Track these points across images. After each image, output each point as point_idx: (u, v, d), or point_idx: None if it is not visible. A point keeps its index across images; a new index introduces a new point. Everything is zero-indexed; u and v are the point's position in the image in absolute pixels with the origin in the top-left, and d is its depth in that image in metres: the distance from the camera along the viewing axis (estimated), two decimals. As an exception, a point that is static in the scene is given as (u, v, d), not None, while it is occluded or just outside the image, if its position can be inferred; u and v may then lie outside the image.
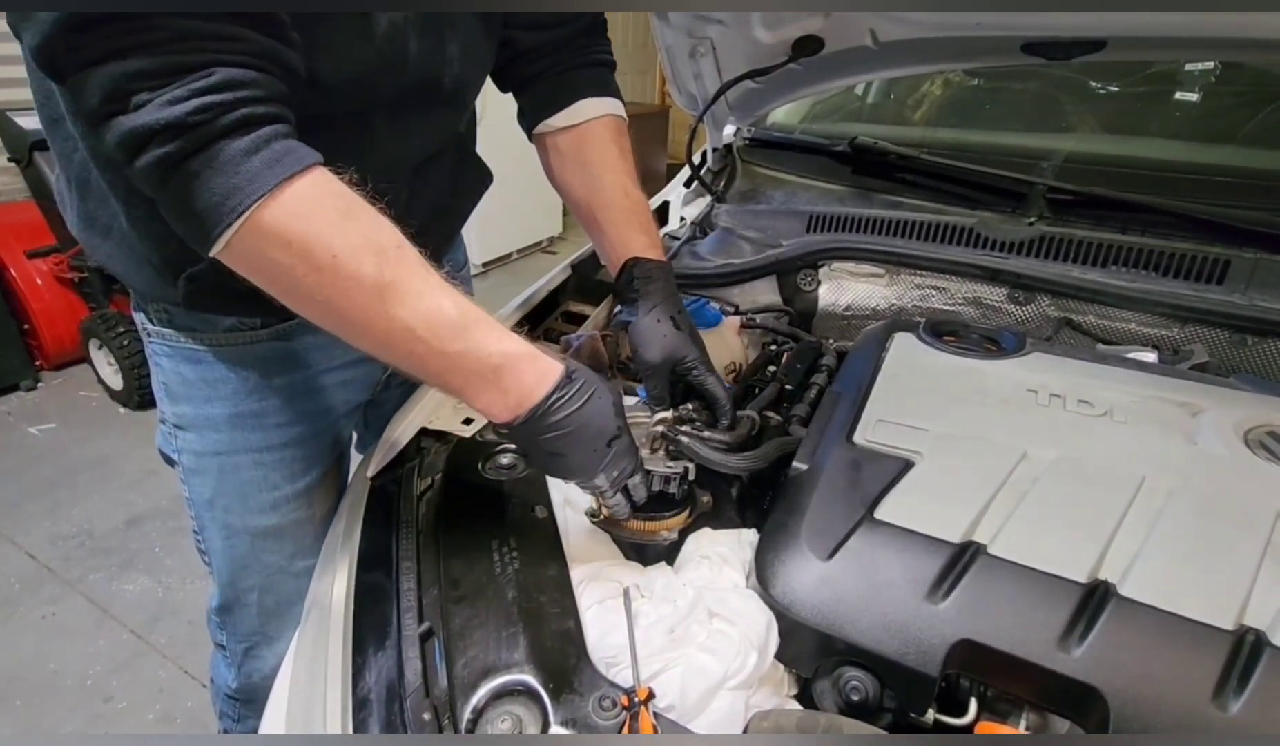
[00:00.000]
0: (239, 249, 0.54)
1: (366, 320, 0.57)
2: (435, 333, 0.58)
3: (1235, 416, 0.73)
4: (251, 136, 0.52)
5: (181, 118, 0.49)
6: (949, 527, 0.62)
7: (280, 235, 0.53)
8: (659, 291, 0.84)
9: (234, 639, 0.97)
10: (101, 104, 0.49)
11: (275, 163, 0.53)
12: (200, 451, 0.84)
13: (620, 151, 0.89)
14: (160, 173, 0.51)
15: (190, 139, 0.50)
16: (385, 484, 0.81)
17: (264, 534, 0.89)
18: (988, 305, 1.08)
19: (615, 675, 0.58)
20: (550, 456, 0.63)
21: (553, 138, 0.89)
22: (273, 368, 0.83)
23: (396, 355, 0.60)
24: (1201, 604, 0.54)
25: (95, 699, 1.69)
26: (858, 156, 1.29)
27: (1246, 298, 0.94)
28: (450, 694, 0.57)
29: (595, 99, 0.88)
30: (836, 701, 0.60)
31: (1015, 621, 0.55)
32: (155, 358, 0.83)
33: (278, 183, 0.52)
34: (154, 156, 0.50)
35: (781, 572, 0.63)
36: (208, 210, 0.52)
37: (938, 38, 1.06)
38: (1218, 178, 1.15)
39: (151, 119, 0.49)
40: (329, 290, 0.55)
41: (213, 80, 0.50)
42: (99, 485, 2.39)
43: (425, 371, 0.61)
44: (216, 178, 0.51)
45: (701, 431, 0.77)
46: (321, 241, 0.54)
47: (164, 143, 0.49)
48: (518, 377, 0.61)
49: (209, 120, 0.50)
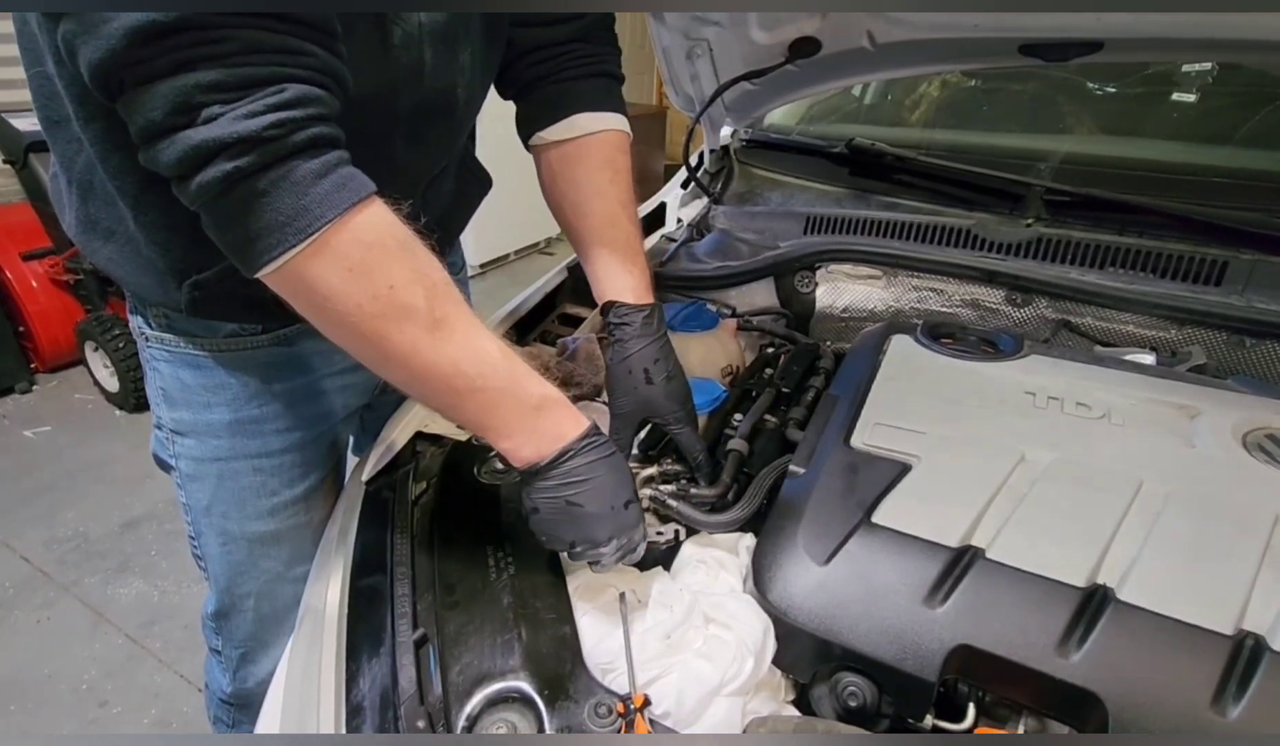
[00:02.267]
0: (294, 271, 0.54)
1: (412, 352, 0.57)
2: (480, 370, 0.60)
3: (1233, 419, 0.72)
4: (322, 159, 0.52)
5: (257, 132, 0.48)
6: (947, 531, 0.61)
7: (343, 261, 0.53)
8: (634, 339, 0.80)
9: (229, 644, 0.96)
10: (166, 117, 0.48)
11: (343, 187, 0.53)
12: (199, 457, 0.84)
13: (614, 173, 0.84)
14: (222, 187, 0.50)
15: (263, 154, 0.49)
16: (380, 488, 0.81)
17: (262, 540, 0.88)
18: (985, 307, 1.08)
19: (611, 681, 0.58)
20: (566, 507, 0.62)
21: (546, 152, 0.85)
22: (273, 373, 0.82)
23: (433, 389, 0.60)
24: (1200, 608, 0.54)
25: (90, 704, 1.69)
26: (855, 158, 1.29)
27: (1244, 299, 0.94)
28: (445, 701, 0.56)
29: (594, 113, 0.83)
30: (834, 707, 0.59)
31: (1013, 626, 0.55)
32: (153, 363, 0.82)
33: (346, 208, 0.53)
34: (221, 171, 0.49)
35: (779, 577, 0.62)
36: (269, 229, 0.51)
37: (935, 39, 1.06)
38: (1215, 179, 1.15)
39: (224, 132, 0.48)
40: (380, 321, 0.55)
41: (285, 96, 0.50)
42: (94, 488, 2.38)
43: (459, 407, 0.62)
44: (285, 197, 0.51)
45: (687, 489, 0.77)
46: (381, 270, 0.55)
47: (234, 156, 0.49)
48: (554, 420, 0.63)
49: (282, 136, 0.50)
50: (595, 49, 0.85)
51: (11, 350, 2.85)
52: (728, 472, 0.79)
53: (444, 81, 0.72)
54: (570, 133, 0.83)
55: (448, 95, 0.74)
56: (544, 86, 0.84)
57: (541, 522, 0.64)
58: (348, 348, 0.59)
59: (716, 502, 0.76)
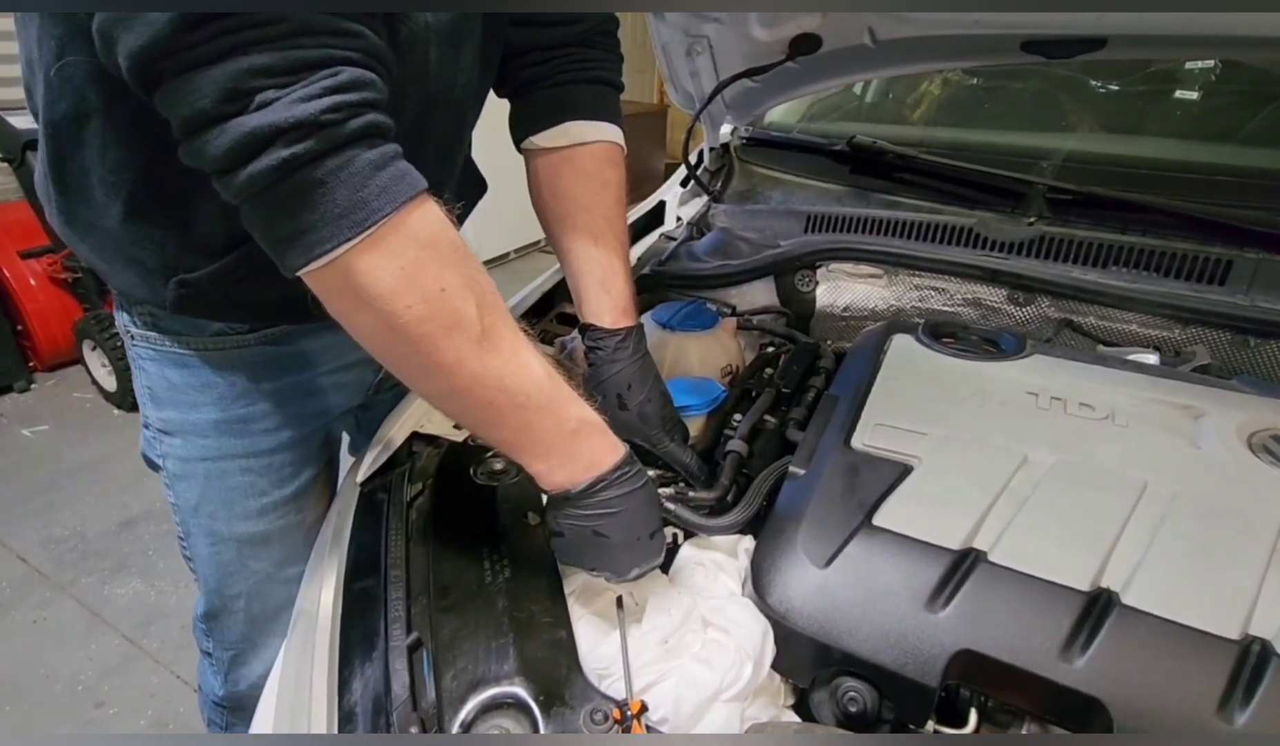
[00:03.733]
0: (344, 267, 0.50)
1: (457, 362, 0.54)
2: (523, 388, 0.57)
3: (1238, 419, 0.71)
4: (380, 150, 0.50)
5: (316, 115, 0.46)
6: (948, 534, 0.60)
7: (397, 259, 0.51)
8: (606, 364, 0.80)
9: (220, 647, 0.95)
10: (217, 104, 0.45)
11: (400, 181, 0.51)
12: (186, 457, 0.83)
13: (601, 186, 0.82)
14: (277, 176, 0.47)
15: (323, 139, 0.47)
16: (375, 489, 0.80)
17: (251, 541, 0.87)
18: (987, 306, 1.07)
19: (607, 687, 0.57)
20: (593, 537, 0.61)
21: (536, 157, 0.83)
22: (261, 372, 0.81)
23: (473, 402, 0.58)
24: (1206, 613, 0.53)
25: (86, 704, 1.68)
26: (856, 156, 1.28)
27: (1248, 298, 0.93)
28: (438, 707, 0.55)
29: (588, 122, 0.81)
30: (834, 712, 0.58)
31: (1016, 631, 0.54)
32: (139, 361, 0.81)
33: (403, 203, 0.50)
34: (277, 158, 0.46)
35: (778, 580, 0.62)
36: (323, 221, 0.48)
37: (937, 36, 1.05)
38: (1219, 177, 1.14)
39: (280, 117, 0.45)
40: (429, 325, 0.52)
41: (341, 78, 0.47)
42: (92, 487, 2.37)
43: (496, 424, 0.59)
44: (343, 188, 0.48)
45: (686, 492, 0.76)
46: (434, 272, 0.52)
47: (291, 143, 0.46)
48: (591, 446, 0.61)
49: (340, 121, 0.47)
50: (595, 54, 0.83)
51: (9, 349, 2.84)
52: (726, 474, 0.78)
53: (448, 81, 0.71)
54: (562, 140, 0.81)
55: (451, 95, 0.73)
56: (540, 89, 0.82)
57: (564, 547, 0.63)
58: (386, 355, 0.57)
59: (715, 505, 0.75)
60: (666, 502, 0.72)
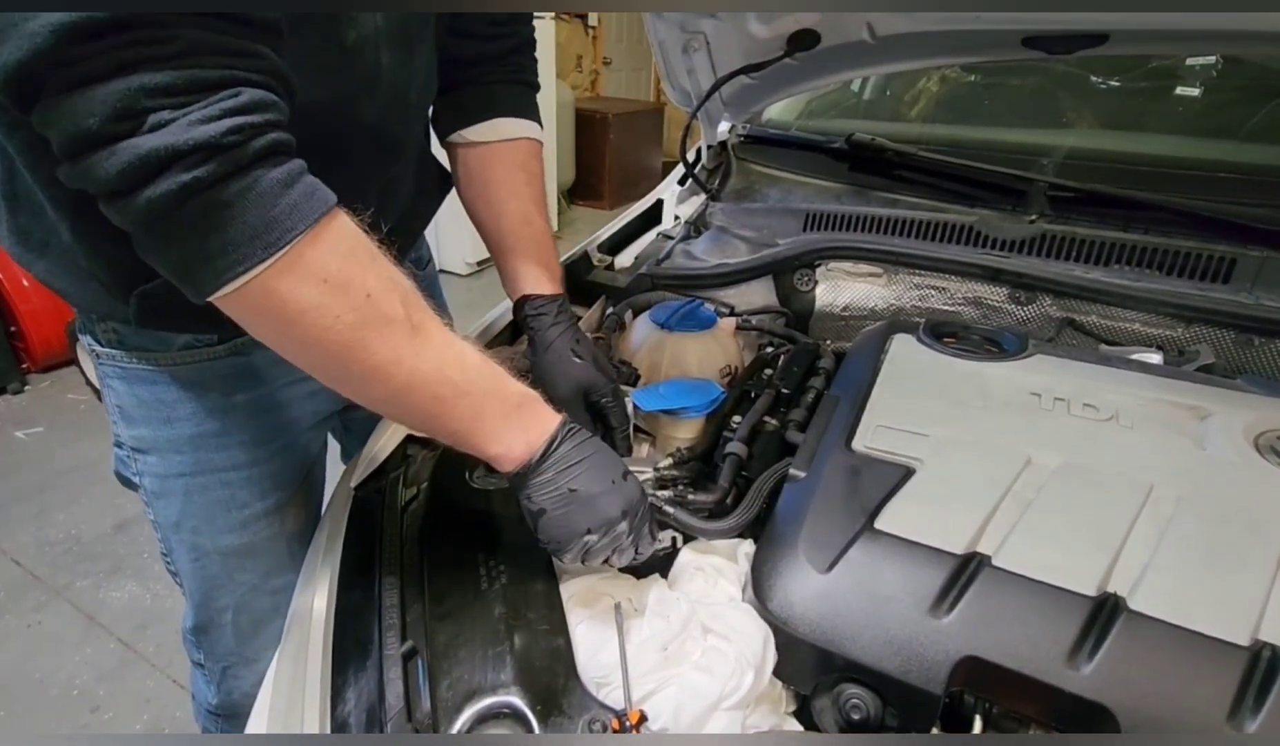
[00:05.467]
0: (260, 288, 0.49)
1: (395, 361, 0.54)
2: (465, 375, 0.58)
3: (1245, 420, 0.71)
4: (285, 168, 0.48)
5: (217, 138, 0.44)
6: (952, 538, 0.59)
7: (317, 273, 0.50)
8: (551, 326, 0.85)
9: (211, 658, 0.94)
10: (105, 124, 0.43)
11: (310, 197, 0.50)
12: (163, 474, 0.81)
13: (529, 177, 0.89)
14: (177, 200, 0.45)
15: (225, 161, 0.45)
16: (369, 494, 0.79)
17: (235, 553, 0.85)
18: (988, 305, 1.06)
19: (606, 695, 0.56)
20: (570, 495, 0.61)
21: (463, 151, 0.88)
22: (234, 384, 0.79)
23: (418, 399, 0.57)
24: (1214, 618, 0.52)
25: (82, 708, 1.67)
26: (855, 153, 1.27)
27: (1252, 296, 0.92)
28: (434, 716, 0.54)
29: (514, 119, 0.87)
30: (836, 720, 0.58)
31: (1021, 637, 0.53)
32: (107, 380, 0.78)
33: (317, 219, 0.49)
34: (177, 182, 0.44)
35: (779, 585, 0.61)
36: (232, 244, 0.47)
37: (936, 31, 1.04)
38: (1222, 174, 1.13)
39: (178, 139, 0.43)
40: (361, 331, 0.52)
41: (242, 100, 0.46)
42: (86, 489, 2.36)
43: (445, 416, 0.59)
44: (251, 210, 0.46)
45: (685, 495, 0.75)
46: (358, 280, 0.52)
47: (192, 166, 0.44)
48: (537, 415, 0.62)
49: (242, 143, 0.46)
50: (519, 60, 0.89)
51: (2, 350, 2.82)
52: (726, 477, 0.77)
53: (402, 84, 0.72)
54: (491, 135, 0.87)
55: (406, 98, 0.74)
56: (467, 88, 0.87)
57: (551, 521, 0.61)
58: (318, 368, 0.56)
59: (714, 508, 0.74)
60: (665, 506, 0.71)
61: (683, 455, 0.82)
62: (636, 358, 1.03)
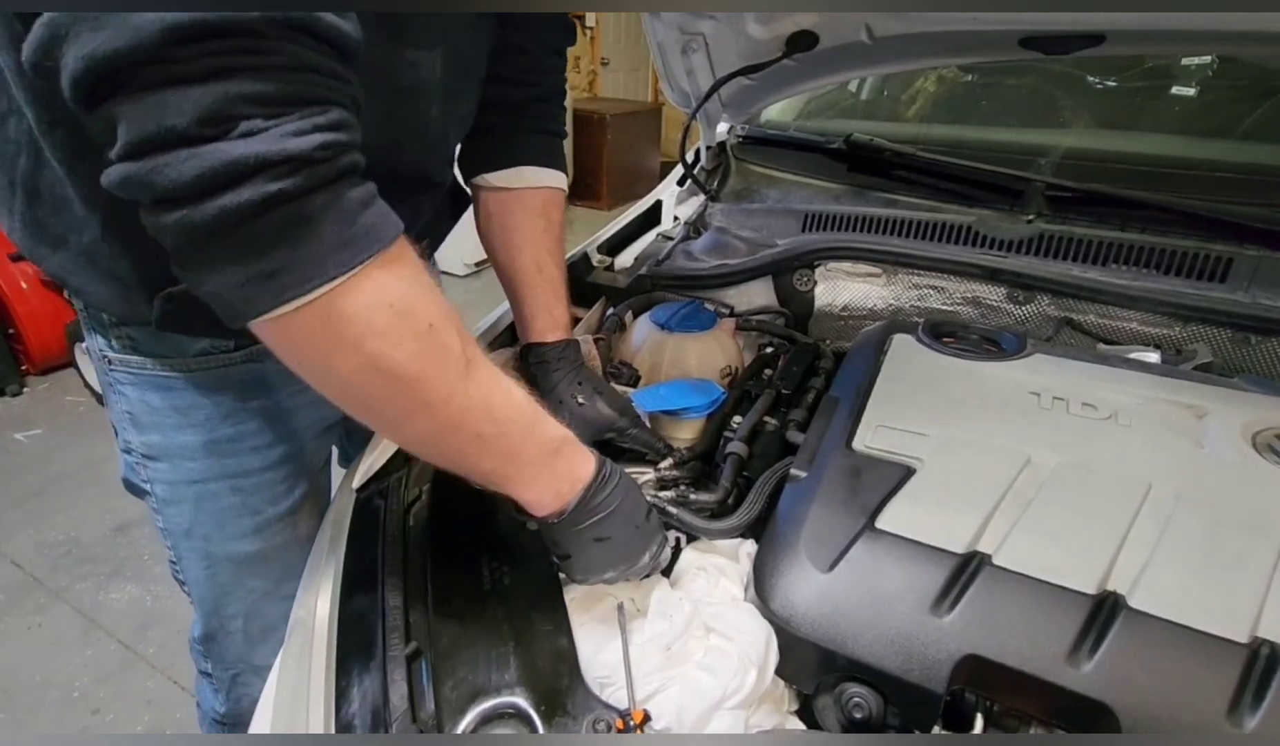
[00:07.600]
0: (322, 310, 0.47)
1: (447, 398, 0.53)
2: (509, 414, 0.57)
3: (1243, 418, 0.71)
4: (364, 188, 0.48)
5: (308, 151, 0.43)
6: (952, 537, 0.60)
7: (387, 295, 0.49)
8: (554, 373, 0.87)
9: (220, 667, 0.93)
10: (193, 125, 0.41)
11: (384, 219, 0.49)
12: (174, 481, 0.80)
13: (546, 225, 0.90)
14: (255, 211, 0.43)
15: (312, 176, 0.44)
16: (371, 496, 0.79)
17: (248, 560, 0.85)
18: (987, 305, 1.06)
19: (609, 695, 0.56)
20: (595, 544, 0.61)
21: (486, 193, 0.90)
22: (248, 391, 0.79)
23: (460, 438, 0.56)
24: (1214, 616, 0.52)
25: (83, 711, 1.67)
26: (853, 154, 1.27)
27: (1250, 295, 0.93)
28: (438, 717, 0.55)
29: (538, 169, 0.89)
30: (839, 719, 0.58)
31: (1022, 635, 0.54)
32: (117, 386, 0.78)
33: (392, 240, 0.49)
34: (260, 192, 0.43)
35: (781, 585, 0.61)
36: (306, 260, 0.45)
37: (934, 32, 1.04)
38: (1219, 173, 1.14)
39: (268, 148, 0.42)
40: (421, 362, 0.51)
41: (331, 117, 0.46)
42: (86, 491, 2.35)
43: (482, 455, 0.58)
44: (330, 226, 0.45)
45: (687, 495, 0.76)
46: (423, 308, 0.51)
47: (279, 177, 0.43)
48: (571, 462, 0.61)
49: (330, 159, 0.45)
50: (548, 108, 0.91)
51: (1, 353, 2.82)
52: (727, 477, 0.77)
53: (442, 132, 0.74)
54: (514, 182, 0.88)
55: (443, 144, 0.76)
56: (495, 133, 0.88)
57: (574, 566, 0.63)
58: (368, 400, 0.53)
59: (716, 508, 0.75)
60: (668, 506, 0.71)
61: (684, 455, 0.82)
62: (637, 358, 1.03)
